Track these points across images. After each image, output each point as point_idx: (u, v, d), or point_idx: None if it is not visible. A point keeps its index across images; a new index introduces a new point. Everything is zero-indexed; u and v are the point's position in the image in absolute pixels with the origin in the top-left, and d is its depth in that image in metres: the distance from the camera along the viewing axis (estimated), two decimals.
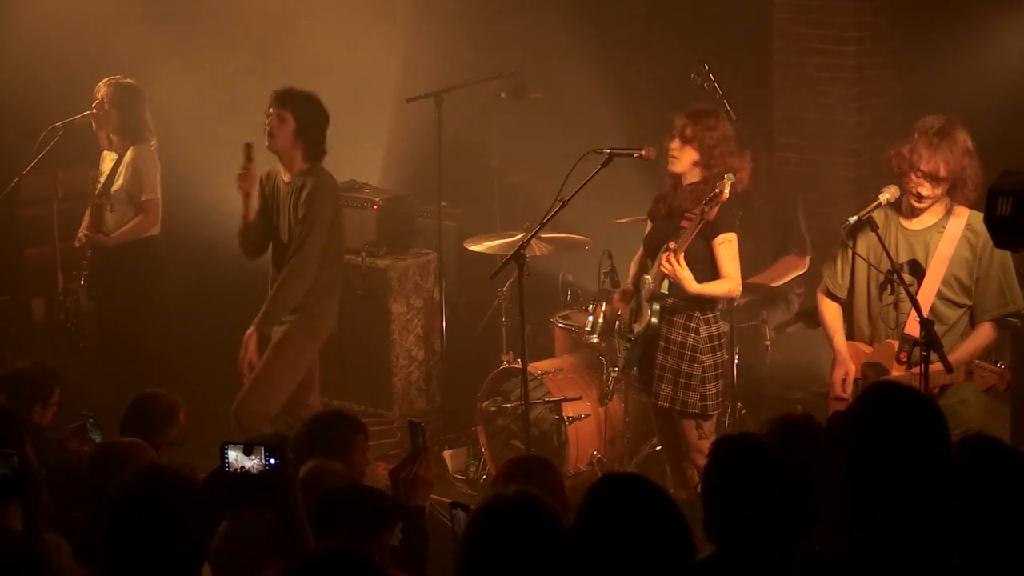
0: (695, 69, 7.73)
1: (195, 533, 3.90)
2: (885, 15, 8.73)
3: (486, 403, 7.52)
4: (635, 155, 6.26)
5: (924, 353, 5.39)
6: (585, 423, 7.30)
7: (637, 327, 6.39)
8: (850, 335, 5.97)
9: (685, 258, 6.09)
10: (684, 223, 6.13)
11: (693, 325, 6.25)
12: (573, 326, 7.72)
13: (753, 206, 7.32)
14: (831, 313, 6.02)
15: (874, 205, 5.70)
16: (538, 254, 7.55)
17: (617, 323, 6.71)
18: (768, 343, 7.49)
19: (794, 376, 7.32)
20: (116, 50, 8.91)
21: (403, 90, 8.56)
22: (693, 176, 6.21)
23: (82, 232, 8.05)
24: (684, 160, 6.19)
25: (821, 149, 8.71)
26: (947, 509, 3.48)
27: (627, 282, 6.64)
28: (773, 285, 7.39)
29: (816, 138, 8.76)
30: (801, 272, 7.59)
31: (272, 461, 3.76)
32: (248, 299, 7.33)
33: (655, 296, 6.25)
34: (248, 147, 6.86)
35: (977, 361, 5.57)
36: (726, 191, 5.91)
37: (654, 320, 6.25)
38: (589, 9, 9.75)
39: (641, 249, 6.58)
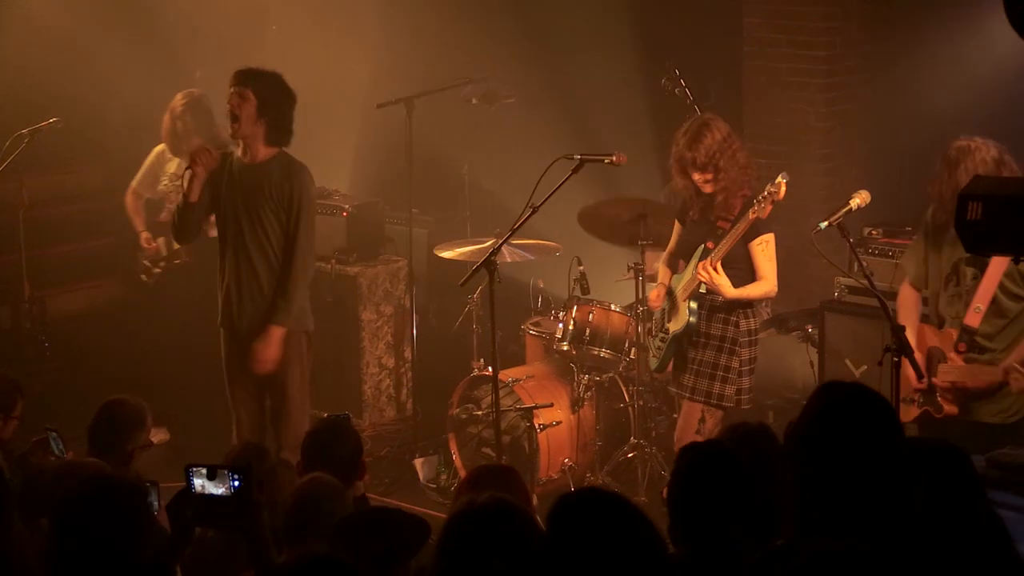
0: (665, 75, 7.74)
1: (156, 546, 3.84)
2: (855, 20, 8.75)
3: (457, 411, 7.49)
4: (606, 161, 6.24)
5: (895, 359, 5.38)
6: (556, 430, 7.27)
7: (672, 326, 6.49)
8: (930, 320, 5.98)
9: (724, 259, 6.20)
10: (721, 224, 6.25)
11: (733, 319, 6.38)
12: (544, 333, 7.71)
13: None
14: (903, 301, 6.01)
15: (844, 211, 5.69)
16: (509, 260, 7.53)
17: (650, 324, 6.79)
18: None
19: (765, 382, 7.31)
20: (82, 52, 8.86)
21: (373, 95, 8.50)
22: (710, 187, 6.29)
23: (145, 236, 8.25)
24: (709, 183, 6.27)
25: (792, 154, 8.71)
26: (905, 509, 3.47)
27: (659, 281, 6.68)
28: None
29: (787, 143, 8.76)
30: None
31: (236, 484, 3.72)
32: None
33: (694, 295, 6.35)
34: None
35: (1015, 364, 5.58)
36: (783, 191, 6.00)
37: (692, 320, 6.37)
38: (560, 15, 9.74)
39: (667, 250, 6.67)
